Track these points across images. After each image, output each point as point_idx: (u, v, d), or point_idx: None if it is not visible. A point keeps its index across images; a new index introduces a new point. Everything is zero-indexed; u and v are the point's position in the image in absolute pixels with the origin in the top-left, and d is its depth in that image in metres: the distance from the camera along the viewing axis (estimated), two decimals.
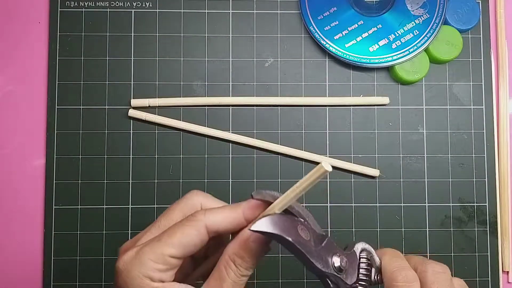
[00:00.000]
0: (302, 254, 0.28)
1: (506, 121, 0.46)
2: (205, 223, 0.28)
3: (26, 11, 0.46)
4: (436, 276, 0.30)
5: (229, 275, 0.28)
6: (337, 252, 0.31)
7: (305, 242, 0.29)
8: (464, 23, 0.46)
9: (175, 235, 0.28)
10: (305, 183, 0.27)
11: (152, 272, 0.27)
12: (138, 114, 0.45)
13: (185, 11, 0.46)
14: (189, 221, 0.29)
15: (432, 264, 0.31)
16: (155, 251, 0.27)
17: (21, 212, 0.45)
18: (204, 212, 0.29)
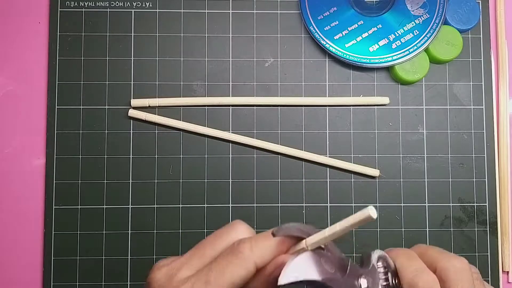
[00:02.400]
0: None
1: (506, 121, 0.46)
2: (254, 260, 0.27)
3: (26, 11, 0.46)
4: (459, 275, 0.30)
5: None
6: (361, 273, 0.30)
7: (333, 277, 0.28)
8: (464, 23, 0.46)
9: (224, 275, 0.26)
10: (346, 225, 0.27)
11: None
12: (138, 114, 0.45)
13: (185, 11, 0.46)
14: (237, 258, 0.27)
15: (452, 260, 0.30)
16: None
17: (21, 212, 0.45)
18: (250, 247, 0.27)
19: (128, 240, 0.44)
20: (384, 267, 0.32)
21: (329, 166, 0.45)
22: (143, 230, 0.44)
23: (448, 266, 0.30)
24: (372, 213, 0.25)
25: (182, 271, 0.28)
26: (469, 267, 0.31)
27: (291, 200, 0.45)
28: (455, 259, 0.31)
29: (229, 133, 0.45)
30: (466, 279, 0.30)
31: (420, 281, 0.29)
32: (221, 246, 0.28)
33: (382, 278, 0.32)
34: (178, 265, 0.28)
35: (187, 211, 0.45)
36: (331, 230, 0.27)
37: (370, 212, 0.25)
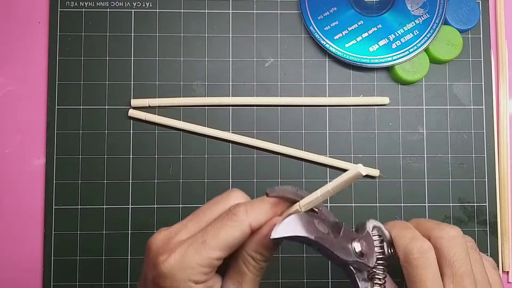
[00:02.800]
0: (325, 249, 0.29)
1: (506, 121, 0.46)
2: (249, 222, 0.28)
3: (26, 11, 0.46)
4: (452, 242, 0.30)
5: (249, 269, 0.29)
6: (355, 237, 0.31)
7: (326, 236, 0.29)
8: (464, 23, 0.46)
9: (219, 236, 0.28)
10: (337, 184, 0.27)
11: (198, 276, 0.27)
12: (138, 114, 0.45)
13: (185, 11, 0.46)
14: (232, 220, 0.28)
15: (446, 228, 0.31)
16: (201, 254, 0.27)
17: (21, 212, 0.45)
18: (245, 210, 0.28)
19: (128, 240, 0.44)
20: (378, 235, 0.33)
21: (329, 166, 0.45)
22: (143, 230, 0.44)
23: (441, 234, 0.31)
24: (361, 169, 0.26)
25: (180, 234, 0.29)
26: (462, 235, 0.31)
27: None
28: (448, 227, 0.31)
29: (229, 133, 0.45)
30: (460, 246, 0.30)
31: (414, 247, 0.30)
32: (217, 211, 0.30)
33: (377, 245, 0.33)
34: (177, 229, 0.29)
35: (187, 211, 0.45)
36: (323, 190, 0.28)
37: (359, 169, 0.26)
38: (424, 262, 0.30)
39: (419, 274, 0.30)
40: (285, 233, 0.27)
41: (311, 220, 0.29)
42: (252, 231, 0.29)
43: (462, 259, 0.30)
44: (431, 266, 0.30)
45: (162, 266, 0.27)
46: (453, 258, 0.30)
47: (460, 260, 0.30)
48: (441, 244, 0.30)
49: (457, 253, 0.30)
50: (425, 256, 0.30)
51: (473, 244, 0.32)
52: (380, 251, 0.32)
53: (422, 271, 0.30)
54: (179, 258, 0.27)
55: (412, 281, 0.30)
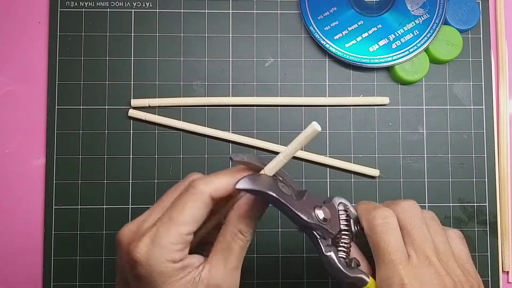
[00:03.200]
0: (287, 208, 0.29)
1: (506, 121, 0.46)
2: (209, 192, 0.29)
3: (26, 11, 0.46)
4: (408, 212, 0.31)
5: (237, 244, 0.29)
6: (319, 204, 0.32)
7: (288, 197, 0.29)
8: (464, 23, 0.46)
9: (184, 211, 0.28)
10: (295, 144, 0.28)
11: (172, 254, 0.27)
12: (138, 114, 0.45)
13: (185, 11, 0.46)
14: (193, 194, 0.29)
15: (400, 202, 0.32)
16: (171, 233, 0.27)
17: (21, 212, 0.45)
18: (204, 182, 0.29)
19: None
20: (344, 211, 0.34)
21: (329, 166, 0.45)
22: None
23: (396, 208, 0.32)
24: (316, 126, 0.27)
25: (146, 222, 0.29)
26: (417, 205, 0.32)
27: None
28: (403, 201, 0.33)
29: (229, 133, 0.45)
30: (415, 215, 0.31)
31: (377, 214, 0.31)
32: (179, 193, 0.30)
33: (343, 219, 0.33)
34: (143, 218, 0.30)
35: None
36: (283, 153, 0.29)
37: (314, 126, 0.27)
38: (387, 227, 0.31)
39: (383, 239, 0.30)
40: (248, 185, 0.28)
41: (275, 182, 0.30)
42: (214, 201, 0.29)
43: (419, 227, 0.31)
44: (394, 230, 0.31)
45: (134, 253, 0.27)
46: (409, 227, 0.31)
47: (417, 228, 0.31)
48: (398, 216, 0.31)
49: (413, 222, 0.31)
50: (387, 221, 0.31)
51: (433, 216, 0.33)
52: (345, 224, 0.33)
53: (385, 236, 0.30)
54: (149, 241, 0.27)
55: (376, 247, 0.31)
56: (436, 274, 0.29)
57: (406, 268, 0.29)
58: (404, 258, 0.30)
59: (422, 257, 0.30)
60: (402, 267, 0.29)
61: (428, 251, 0.30)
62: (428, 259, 0.30)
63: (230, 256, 0.29)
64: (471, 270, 0.32)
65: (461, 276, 0.30)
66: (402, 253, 0.30)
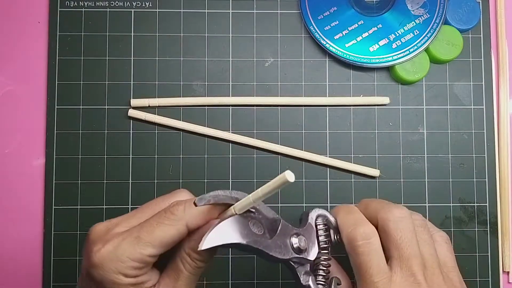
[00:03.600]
0: (260, 251, 0.29)
1: (506, 121, 0.46)
2: (186, 221, 0.28)
3: (26, 11, 0.46)
4: (399, 223, 0.30)
5: (185, 268, 0.29)
6: (294, 232, 0.31)
7: (260, 239, 0.29)
8: (464, 23, 0.46)
9: (154, 233, 0.28)
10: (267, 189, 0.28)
11: (128, 270, 0.27)
12: (138, 114, 0.45)
13: (185, 11, 0.46)
14: (169, 219, 0.28)
15: (392, 210, 0.31)
16: (134, 250, 0.27)
17: (21, 212, 0.45)
18: (183, 209, 0.28)
19: None
20: (324, 224, 0.33)
21: (329, 166, 0.45)
22: None
23: (387, 216, 0.30)
24: (289, 176, 0.26)
25: (119, 226, 0.29)
26: (409, 214, 0.31)
27: (291, 200, 0.45)
28: (395, 208, 0.31)
29: (229, 133, 0.45)
30: (406, 227, 0.30)
31: (358, 234, 0.30)
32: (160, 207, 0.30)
33: (322, 234, 0.33)
34: (117, 221, 0.29)
35: None
36: (254, 195, 0.29)
37: (286, 176, 0.26)
38: (368, 248, 0.29)
39: (364, 261, 0.29)
40: (214, 243, 0.27)
41: (245, 223, 0.29)
42: (189, 231, 0.29)
43: (408, 241, 0.30)
44: (375, 252, 0.29)
45: (94, 256, 0.27)
46: (399, 241, 0.30)
47: (407, 242, 0.30)
48: (388, 227, 0.30)
49: (404, 235, 0.30)
50: (368, 243, 0.30)
51: (422, 222, 0.32)
52: (325, 240, 0.32)
53: (366, 257, 0.29)
54: (111, 249, 0.27)
55: (357, 267, 0.30)
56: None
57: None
58: (387, 280, 0.29)
59: (407, 275, 0.29)
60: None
61: (415, 268, 0.29)
62: (413, 276, 0.29)
63: (179, 280, 0.29)
64: (455, 279, 0.31)
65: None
66: (384, 274, 0.29)
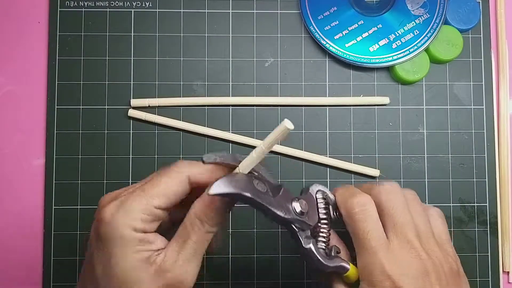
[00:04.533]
0: (263, 207, 0.30)
1: (506, 121, 0.46)
2: (188, 174, 0.29)
3: (26, 11, 0.46)
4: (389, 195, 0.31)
5: (194, 231, 0.29)
6: (295, 198, 0.32)
7: (264, 195, 0.30)
8: (464, 23, 0.46)
9: (158, 185, 0.28)
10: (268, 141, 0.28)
11: (136, 222, 0.27)
12: (138, 114, 0.45)
13: (185, 11, 0.46)
14: (172, 171, 0.29)
15: (383, 184, 0.32)
16: (140, 201, 0.28)
17: (21, 212, 0.45)
18: (188, 164, 0.29)
19: None
20: (323, 198, 0.34)
21: (329, 166, 0.45)
22: None
23: (379, 189, 0.32)
24: (288, 124, 0.27)
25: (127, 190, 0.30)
26: (399, 188, 0.32)
27: None
28: (386, 183, 0.33)
29: (229, 133, 0.45)
30: (397, 197, 0.32)
31: (354, 201, 0.31)
32: None
33: (321, 207, 0.34)
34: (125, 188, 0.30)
35: None
36: (256, 151, 0.29)
37: (286, 124, 0.27)
38: (364, 214, 0.31)
39: (362, 227, 0.30)
40: (221, 190, 0.28)
41: (250, 180, 0.30)
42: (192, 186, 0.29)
43: (400, 210, 0.31)
44: (372, 218, 0.31)
45: (103, 212, 0.28)
46: (392, 210, 0.31)
47: (399, 210, 0.31)
48: (379, 199, 0.31)
49: (395, 205, 0.31)
50: (364, 209, 0.31)
51: (414, 196, 0.33)
52: (324, 212, 0.33)
53: (363, 224, 0.30)
54: (120, 204, 0.28)
55: (356, 236, 0.31)
56: (417, 258, 0.30)
57: (386, 254, 0.30)
58: (384, 245, 0.30)
59: (403, 241, 0.30)
60: (383, 254, 0.29)
61: (409, 234, 0.30)
62: (409, 243, 0.30)
63: (186, 245, 0.28)
64: (449, 250, 0.32)
65: (441, 258, 0.30)
66: (381, 239, 0.30)
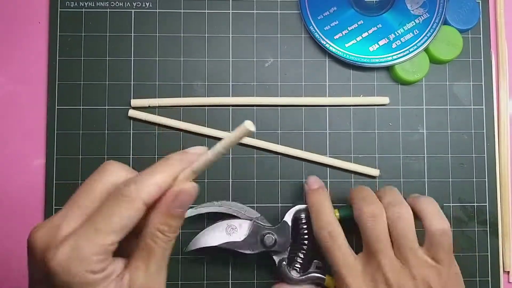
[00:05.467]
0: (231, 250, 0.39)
1: (506, 121, 0.46)
2: (142, 199, 0.26)
3: (26, 11, 0.46)
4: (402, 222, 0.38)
5: (158, 244, 0.27)
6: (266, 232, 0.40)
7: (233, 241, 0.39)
8: (464, 23, 0.46)
9: (112, 219, 0.26)
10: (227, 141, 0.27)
11: (94, 265, 0.25)
12: (138, 114, 0.45)
13: (185, 11, 0.46)
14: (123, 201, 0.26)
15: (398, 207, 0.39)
16: (94, 242, 0.25)
17: (21, 212, 0.45)
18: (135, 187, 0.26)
19: None
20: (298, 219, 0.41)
21: (329, 166, 0.45)
22: None
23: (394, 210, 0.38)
24: (248, 125, 0.26)
25: (63, 227, 0.26)
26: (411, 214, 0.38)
27: (291, 200, 0.45)
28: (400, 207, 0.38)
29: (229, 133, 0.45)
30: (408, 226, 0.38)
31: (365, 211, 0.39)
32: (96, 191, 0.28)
33: (303, 227, 0.41)
34: (57, 221, 0.27)
35: None
36: (213, 151, 0.28)
37: (246, 125, 0.26)
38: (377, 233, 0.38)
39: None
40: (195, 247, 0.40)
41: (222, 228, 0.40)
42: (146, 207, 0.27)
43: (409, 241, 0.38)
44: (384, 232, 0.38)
45: (51, 263, 0.25)
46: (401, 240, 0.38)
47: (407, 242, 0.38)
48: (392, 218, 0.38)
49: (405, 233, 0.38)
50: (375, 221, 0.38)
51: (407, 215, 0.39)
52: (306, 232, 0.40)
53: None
54: (70, 251, 0.25)
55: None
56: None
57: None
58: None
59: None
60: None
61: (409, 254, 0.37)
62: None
63: (152, 259, 0.27)
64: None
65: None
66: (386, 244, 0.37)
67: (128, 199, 0.26)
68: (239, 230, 0.40)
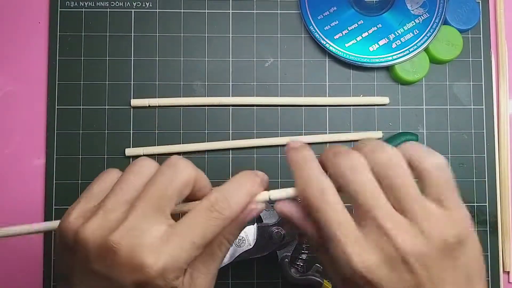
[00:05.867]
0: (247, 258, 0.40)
1: (506, 121, 0.46)
2: (231, 219, 0.28)
3: (26, 11, 0.46)
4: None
5: (221, 251, 0.29)
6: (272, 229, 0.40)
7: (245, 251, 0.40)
8: (464, 23, 0.46)
9: (206, 235, 0.27)
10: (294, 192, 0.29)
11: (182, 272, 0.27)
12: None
13: (185, 11, 0.46)
14: (218, 219, 0.28)
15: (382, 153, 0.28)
16: (189, 254, 0.27)
17: (21, 212, 0.45)
18: (229, 207, 0.28)
19: None
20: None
21: None
22: None
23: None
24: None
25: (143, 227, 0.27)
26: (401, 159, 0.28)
27: None
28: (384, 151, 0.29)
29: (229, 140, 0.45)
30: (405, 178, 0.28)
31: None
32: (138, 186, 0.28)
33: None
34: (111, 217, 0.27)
35: None
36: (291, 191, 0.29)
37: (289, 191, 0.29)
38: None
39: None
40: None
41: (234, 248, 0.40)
42: None
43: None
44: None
45: (150, 270, 0.26)
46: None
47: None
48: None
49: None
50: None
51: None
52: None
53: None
54: (170, 260, 0.26)
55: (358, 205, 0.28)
56: None
57: None
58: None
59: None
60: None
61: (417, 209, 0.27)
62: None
63: (214, 264, 0.29)
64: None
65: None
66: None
67: (223, 217, 0.28)
68: (246, 238, 0.40)
